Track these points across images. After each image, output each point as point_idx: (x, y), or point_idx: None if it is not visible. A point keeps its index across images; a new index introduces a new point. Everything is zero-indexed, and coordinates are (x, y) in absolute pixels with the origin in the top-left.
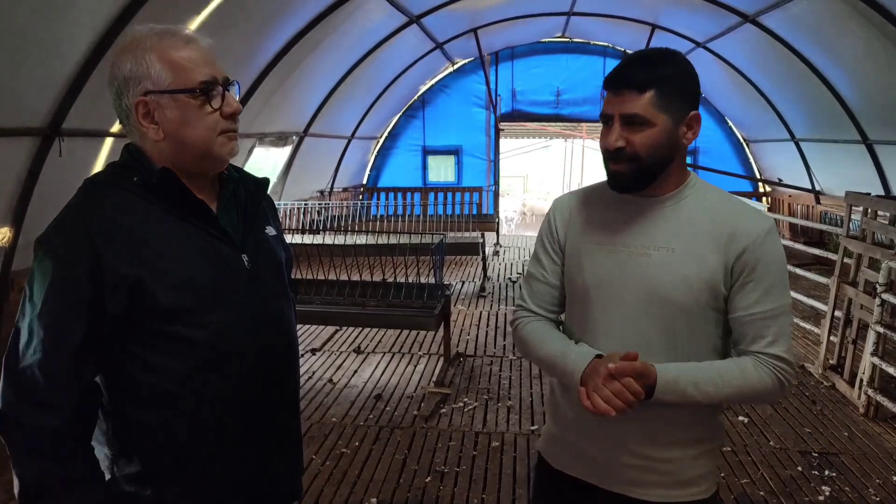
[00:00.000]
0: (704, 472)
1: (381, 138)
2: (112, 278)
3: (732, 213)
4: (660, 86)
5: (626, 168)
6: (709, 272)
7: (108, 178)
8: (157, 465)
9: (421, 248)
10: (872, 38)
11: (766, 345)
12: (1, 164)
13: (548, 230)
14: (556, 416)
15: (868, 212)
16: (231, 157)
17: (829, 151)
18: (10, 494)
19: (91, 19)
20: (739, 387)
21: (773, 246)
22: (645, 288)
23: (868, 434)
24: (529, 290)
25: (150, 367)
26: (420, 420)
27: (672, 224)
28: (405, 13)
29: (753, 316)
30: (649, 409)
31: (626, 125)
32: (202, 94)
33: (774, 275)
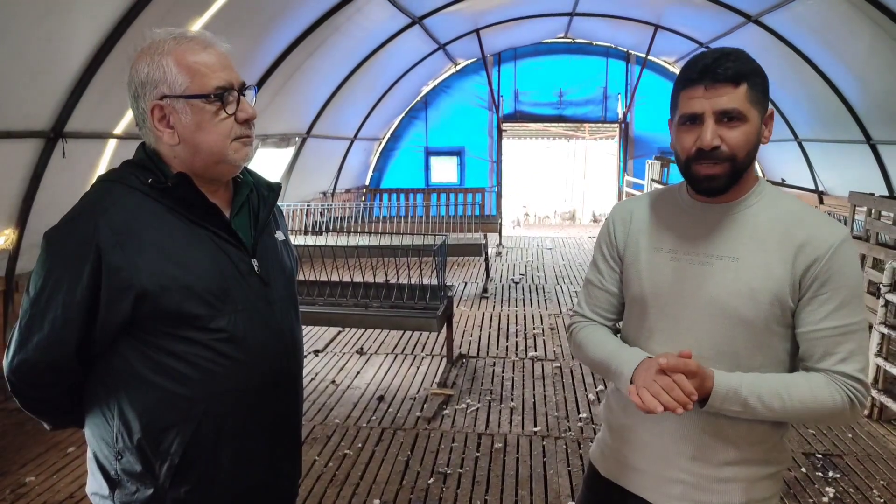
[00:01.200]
0: (762, 496)
1: (384, 139)
2: (114, 285)
3: (804, 222)
4: (751, 79)
5: (722, 169)
6: (775, 283)
7: (123, 178)
8: (161, 466)
9: (423, 249)
10: (876, 38)
11: (837, 362)
12: (5, 166)
13: (607, 237)
14: (609, 424)
15: (872, 212)
16: (245, 163)
17: (833, 152)
18: (16, 494)
19: (94, 22)
20: (807, 403)
21: (847, 258)
22: (704, 298)
23: (872, 435)
24: (587, 296)
25: (160, 369)
26: (423, 421)
27: (738, 231)
28: (408, 14)
29: (824, 332)
30: (703, 422)
31: (721, 122)
32: (217, 100)
33: (848, 289)
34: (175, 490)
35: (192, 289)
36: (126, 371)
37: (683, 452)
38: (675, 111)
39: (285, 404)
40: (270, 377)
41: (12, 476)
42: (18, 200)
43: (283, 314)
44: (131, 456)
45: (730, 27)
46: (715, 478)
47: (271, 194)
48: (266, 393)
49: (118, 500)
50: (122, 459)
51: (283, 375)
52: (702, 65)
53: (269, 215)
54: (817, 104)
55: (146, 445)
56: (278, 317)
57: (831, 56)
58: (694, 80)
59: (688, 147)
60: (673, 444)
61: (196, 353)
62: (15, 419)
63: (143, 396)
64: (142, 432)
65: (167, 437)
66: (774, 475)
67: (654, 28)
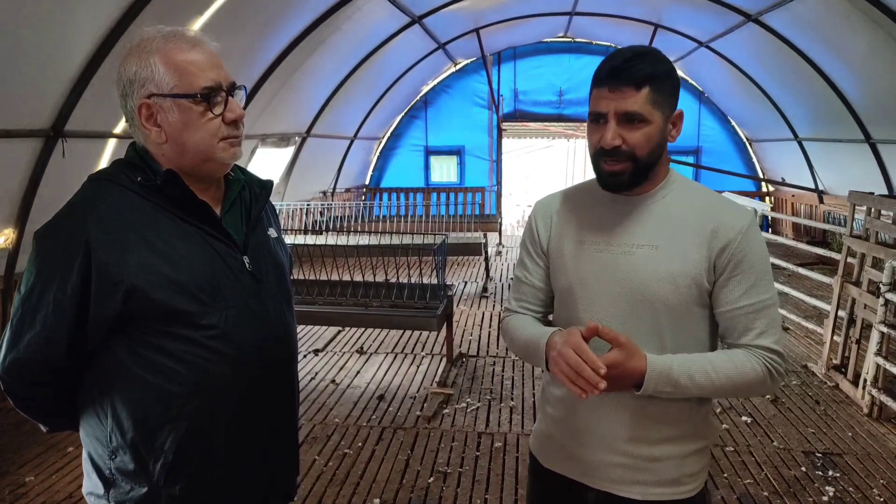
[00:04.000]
0: (692, 471)
1: (384, 139)
2: (104, 281)
3: (714, 209)
4: (654, 82)
5: (623, 167)
6: (693, 267)
7: (113, 176)
8: (155, 465)
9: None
10: (876, 37)
11: (755, 336)
12: (4, 165)
13: (529, 234)
14: (545, 414)
15: (871, 211)
16: (233, 162)
17: (833, 151)
18: (15, 494)
19: (93, 21)
20: (732, 378)
21: (755, 240)
22: (629, 286)
23: (872, 434)
24: (515, 292)
25: (153, 367)
26: (423, 420)
27: (655, 221)
28: (407, 13)
29: (741, 309)
30: (636, 404)
31: (623, 123)
32: (204, 100)
33: (759, 268)
34: (170, 488)
35: (182, 285)
36: (118, 369)
37: (619, 436)
38: (589, 107)
39: (280, 400)
40: (264, 373)
41: (11, 476)
42: (18, 200)
43: (276, 311)
44: (125, 454)
45: (729, 26)
46: (650, 457)
47: (263, 192)
48: (260, 389)
49: (113, 500)
50: (116, 458)
51: (277, 371)
52: (609, 66)
53: (261, 212)
54: (817, 103)
55: (139, 443)
56: (271, 313)
57: (831, 55)
58: (602, 80)
59: (594, 143)
60: (609, 429)
61: (188, 350)
62: (13, 419)
63: (135, 394)
64: (134, 430)
65: (160, 434)
66: (703, 450)
67: (653, 27)
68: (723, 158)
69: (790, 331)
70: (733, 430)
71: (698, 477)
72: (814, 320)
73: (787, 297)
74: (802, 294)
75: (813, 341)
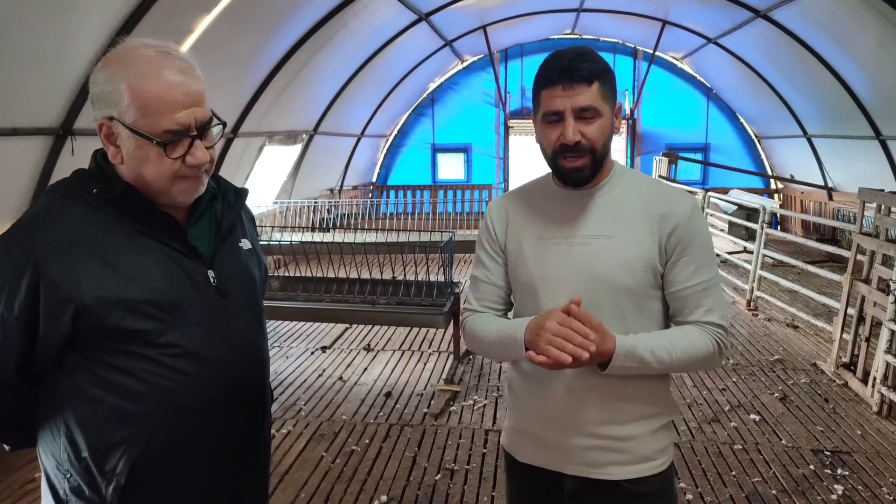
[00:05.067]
0: (661, 446)
1: (391, 136)
2: (53, 300)
3: (660, 196)
4: (602, 78)
5: (584, 161)
6: (646, 252)
7: (70, 189)
8: (107, 487)
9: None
10: (886, 33)
11: (704, 313)
12: (14, 163)
13: (486, 233)
14: (515, 409)
15: (882, 208)
16: (192, 199)
17: (842, 147)
18: (24, 490)
19: (103, 18)
20: (689, 352)
21: (700, 222)
22: (590, 275)
23: (881, 432)
24: (475, 292)
25: (107, 385)
26: (430, 418)
27: (607, 212)
28: (414, 11)
29: (691, 288)
30: (604, 387)
31: (579, 118)
32: (160, 145)
33: (704, 249)
34: None
35: (136, 302)
36: (72, 387)
37: (591, 419)
38: (539, 109)
39: (247, 422)
40: (230, 392)
41: (20, 472)
42: (28, 198)
43: (244, 327)
44: (78, 476)
45: (738, 22)
46: (622, 436)
47: (238, 201)
48: (225, 410)
49: None
50: (70, 478)
51: (245, 391)
52: (560, 66)
53: (233, 223)
54: (826, 100)
55: (92, 465)
56: (239, 330)
57: (840, 51)
58: (554, 80)
59: (552, 142)
60: (581, 413)
61: (145, 369)
62: None
63: (89, 413)
64: (88, 450)
65: (113, 456)
66: (669, 425)
67: (661, 24)
68: (731, 155)
69: (799, 328)
70: (741, 428)
71: (667, 451)
72: (823, 318)
73: (797, 294)
74: (812, 292)
75: (822, 339)
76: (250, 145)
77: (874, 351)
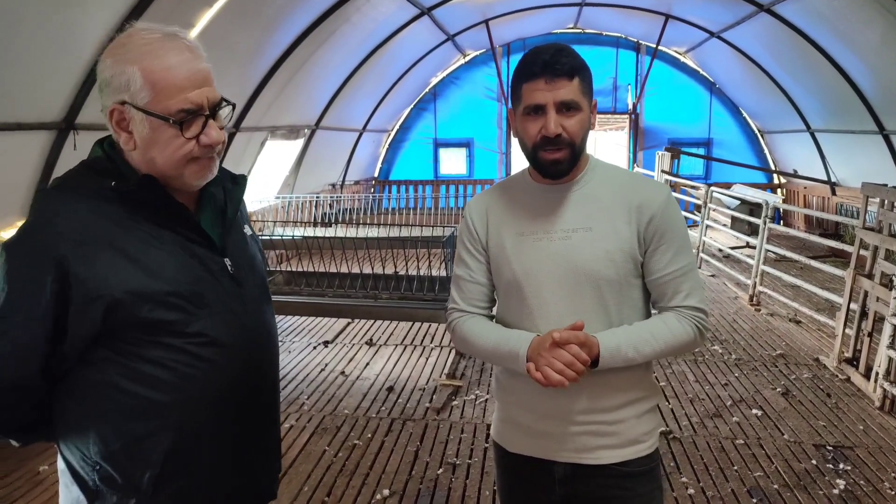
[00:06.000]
0: (648, 429)
1: (393, 131)
2: (82, 298)
3: (635, 186)
4: (581, 73)
5: (564, 154)
6: (626, 243)
7: (79, 183)
8: (142, 475)
9: (432, 241)
10: (889, 27)
11: (684, 298)
12: (17, 158)
13: (467, 232)
14: (504, 401)
15: (885, 203)
16: (205, 182)
17: (845, 142)
18: (31, 483)
19: (105, 12)
20: (668, 341)
21: (675, 210)
22: (572, 269)
23: (884, 427)
24: (459, 291)
25: (136, 377)
26: (432, 412)
27: (585, 205)
28: (417, 5)
29: (670, 275)
30: (593, 378)
31: (560, 112)
32: (176, 124)
33: (680, 236)
34: (158, 498)
35: (164, 294)
36: (101, 381)
37: (580, 408)
38: (519, 102)
39: (264, 404)
40: (248, 377)
41: (27, 466)
42: (30, 192)
43: (258, 313)
44: (110, 466)
45: (741, 16)
46: (609, 421)
47: (237, 188)
48: (245, 394)
49: None
50: (101, 469)
51: (262, 375)
52: (542, 60)
53: (236, 210)
54: (829, 94)
55: (126, 455)
56: (253, 316)
57: (843, 45)
58: (536, 73)
59: (533, 135)
60: (570, 403)
61: (174, 359)
62: None
63: (120, 406)
64: (120, 442)
65: (147, 445)
66: (654, 409)
67: (664, 18)
68: (734, 150)
69: (802, 323)
70: (743, 422)
71: (653, 434)
72: (826, 313)
73: (800, 289)
74: (815, 287)
75: (825, 334)
76: (252, 140)
77: (877, 346)
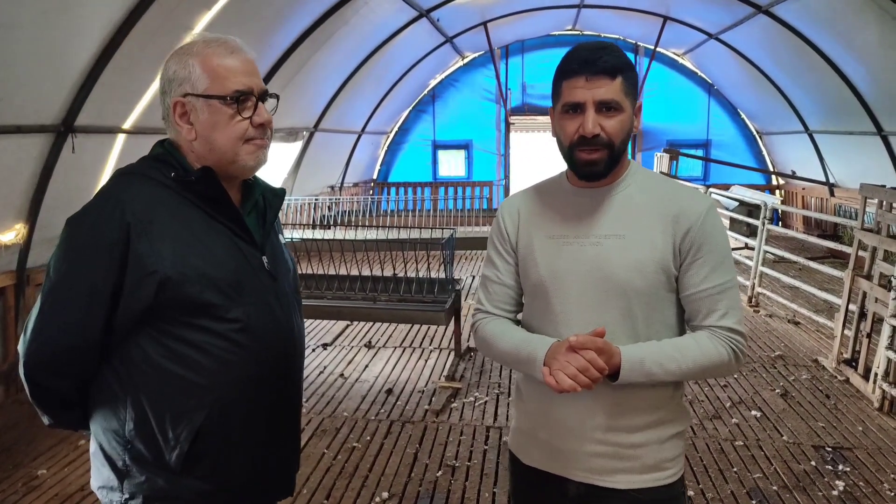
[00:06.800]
0: (671, 456)
1: (392, 133)
2: (139, 271)
3: (674, 196)
4: (625, 73)
5: (601, 156)
6: (659, 254)
7: (145, 171)
8: (171, 454)
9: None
10: (887, 28)
11: (719, 318)
12: (15, 160)
13: (498, 232)
14: (522, 411)
15: (883, 204)
16: (258, 167)
17: (844, 143)
18: (28, 486)
19: (103, 16)
20: (698, 361)
21: (715, 223)
22: (600, 276)
23: (883, 428)
24: (486, 292)
25: (177, 357)
26: (431, 414)
27: (619, 211)
28: (415, 7)
29: (705, 292)
30: (613, 394)
31: (599, 112)
32: (233, 102)
33: (720, 251)
34: (187, 477)
35: (211, 278)
36: (142, 360)
37: (598, 426)
38: (558, 100)
39: (288, 395)
40: (277, 368)
41: (25, 468)
42: (29, 195)
43: (289, 309)
44: (141, 445)
45: (739, 18)
46: (629, 444)
47: (276, 199)
48: (272, 383)
49: (127, 491)
50: (131, 448)
51: (289, 367)
52: (583, 57)
53: (275, 218)
54: (828, 95)
55: (157, 432)
56: (285, 311)
57: (842, 47)
58: (576, 71)
59: (570, 133)
60: (588, 420)
61: (212, 343)
62: (27, 410)
63: (157, 385)
64: (154, 420)
65: (178, 424)
66: (679, 434)
67: (662, 19)
68: (732, 151)
69: (801, 325)
70: (743, 424)
71: (677, 462)
72: (824, 314)
73: (798, 290)
74: (813, 288)
75: (823, 335)
76: None
77: (875, 347)
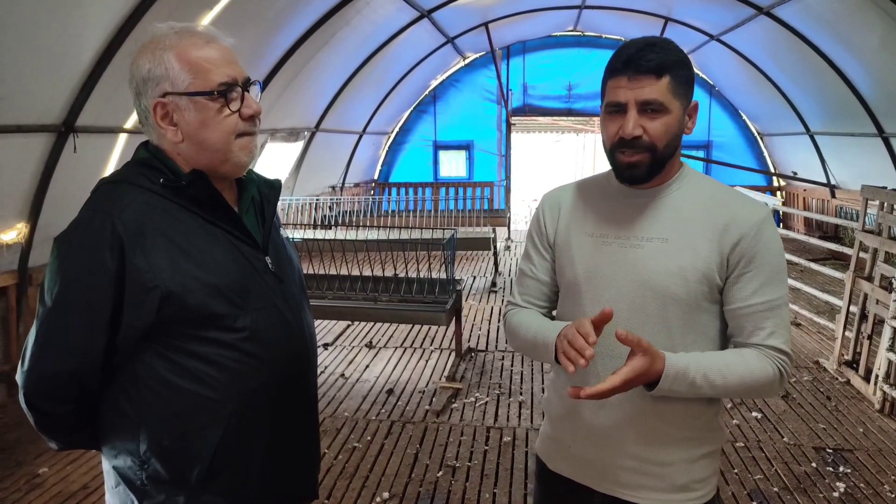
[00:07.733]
0: (702, 476)
1: (393, 133)
2: (138, 288)
3: (727, 203)
4: (674, 71)
5: (642, 158)
6: (703, 262)
7: (131, 178)
8: (191, 472)
9: (432, 244)
10: (889, 30)
11: (766, 337)
12: (16, 160)
13: (537, 226)
14: (551, 416)
15: (884, 206)
16: (250, 163)
17: (845, 145)
18: (31, 485)
19: (104, 15)
20: (744, 378)
21: (770, 236)
22: (637, 279)
23: (883, 430)
24: (519, 285)
25: (186, 372)
26: (432, 415)
27: (665, 214)
28: (416, 7)
29: (752, 307)
30: (644, 404)
31: (643, 113)
32: (221, 97)
33: (772, 265)
34: (206, 493)
35: (216, 288)
36: (150, 378)
37: (627, 437)
38: (603, 99)
39: (305, 399)
40: (291, 373)
41: (27, 467)
42: (30, 195)
43: (299, 310)
44: (158, 464)
45: (741, 19)
46: (658, 461)
47: (272, 192)
48: (288, 389)
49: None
50: (148, 468)
51: (303, 370)
52: (627, 55)
53: (274, 213)
54: (829, 97)
55: (174, 452)
56: (294, 313)
57: (843, 48)
58: (619, 69)
59: (612, 134)
60: (617, 431)
61: (221, 354)
62: None
63: (169, 402)
64: (170, 439)
65: (196, 441)
66: (712, 454)
67: (664, 21)
68: (734, 153)
69: (802, 326)
70: (743, 425)
71: (708, 483)
72: (825, 316)
73: (799, 292)
74: (814, 289)
75: (824, 337)
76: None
77: (877, 349)
